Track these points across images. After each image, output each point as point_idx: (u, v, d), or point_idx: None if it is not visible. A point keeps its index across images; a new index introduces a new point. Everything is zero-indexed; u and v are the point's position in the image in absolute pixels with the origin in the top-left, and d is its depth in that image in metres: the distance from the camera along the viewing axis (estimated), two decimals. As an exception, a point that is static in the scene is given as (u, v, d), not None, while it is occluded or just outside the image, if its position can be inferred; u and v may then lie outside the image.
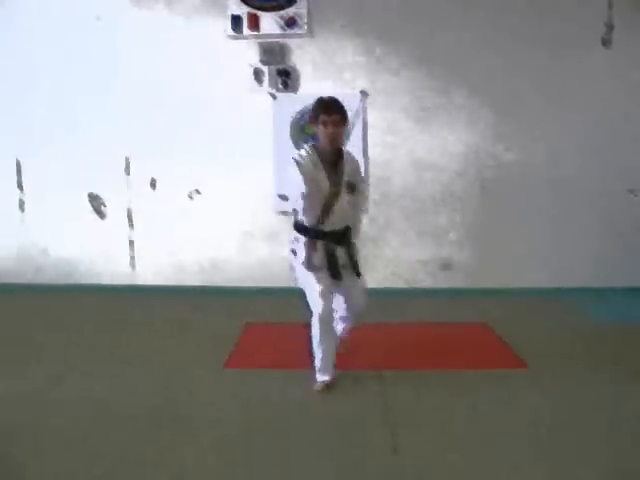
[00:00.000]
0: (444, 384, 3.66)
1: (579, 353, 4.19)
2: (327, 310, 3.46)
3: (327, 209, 3.40)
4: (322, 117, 3.37)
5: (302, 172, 3.33)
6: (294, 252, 3.51)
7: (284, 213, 5.74)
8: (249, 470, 2.76)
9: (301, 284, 3.57)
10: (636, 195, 5.65)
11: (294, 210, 3.49)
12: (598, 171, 5.61)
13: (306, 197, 3.34)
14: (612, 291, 5.57)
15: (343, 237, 3.52)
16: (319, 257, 3.43)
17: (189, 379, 3.78)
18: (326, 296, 3.45)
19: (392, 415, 3.26)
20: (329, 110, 3.38)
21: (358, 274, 3.61)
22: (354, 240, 3.63)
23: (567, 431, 3.06)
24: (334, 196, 3.40)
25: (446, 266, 5.81)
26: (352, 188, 3.45)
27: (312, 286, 3.45)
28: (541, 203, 5.69)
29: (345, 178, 3.44)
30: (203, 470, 2.75)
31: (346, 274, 3.53)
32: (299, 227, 3.49)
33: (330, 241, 3.44)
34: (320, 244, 3.42)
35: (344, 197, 3.43)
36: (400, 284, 5.73)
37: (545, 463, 2.76)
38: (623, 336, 4.55)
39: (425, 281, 5.80)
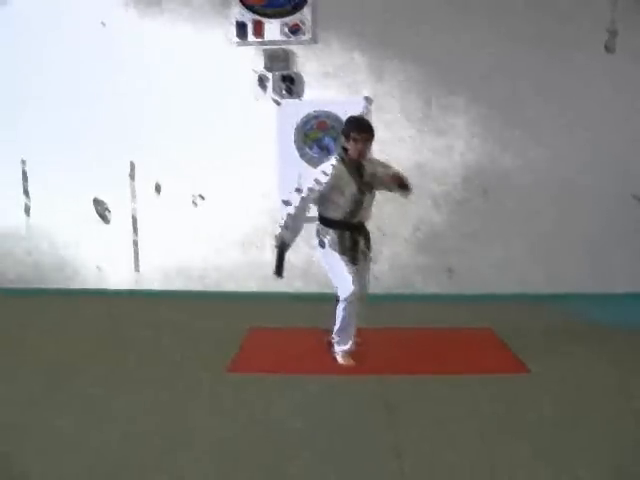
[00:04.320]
0: (447, 388, 3.66)
1: (581, 357, 4.19)
2: (357, 288, 3.91)
3: (357, 207, 3.96)
4: (354, 135, 3.93)
5: (333, 175, 3.90)
6: (322, 244, 4.05)
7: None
8: (250, 474, 2.77)
9: (331, 268, 4.05)
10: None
11: (301, 194, 4.02)
12: (600, 175, 5.61)
13: (315, 194, 3.96)
14: (614, 296, 5.56)
15: (362, 227, 4.11)
16: (349, 245, 4.00)
17: (192, 383, 3.79)
18: (355, 276, 3.93)
19: (394, 419, 3.27)
20: (361, 130, 3.95)
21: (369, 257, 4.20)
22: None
23: (568, 433, 3.07)
24: (362, 196, 3.96)
25: (448, 270, 5.82)
26: (370, 187, 4.01)
27: (340, 263, 3.97)
28: (543, 207, 5.69)
29: (366, 179, 3.99)
30: (203, 473, 2.77)
31: (361, 260, 4.08)
32: (329, 221, 4.02)
33: (355, 231, 4.02)
34: (347, 233, 3.99)
35: (367, 196, 4.01)
36: (402, 289, 5.73)
37: (546, 464, 2.77)
38: (625, 340, 4.55)
39: (427, 286, 5.81)
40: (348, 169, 3.94)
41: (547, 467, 2.75)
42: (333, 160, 3.99)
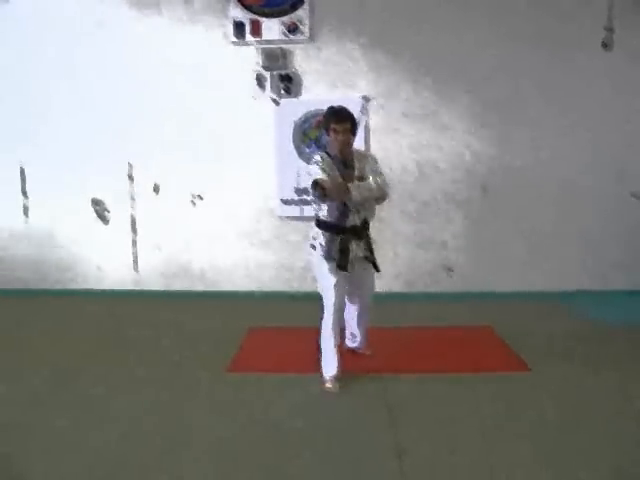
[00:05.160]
0: (447, 387, 3.66)
1: (581, 356, 4.19)
2: (339, 301, 3.68)
3: (345, 207, 3.58)
4: (333, 125, 3.57)
5: (321, 168, 3.53)
6: (313, 247, 3.71)
7: (286, 218, 5.80)
8: (250, 473, 2.76)
9: (317, 277, 3.79)
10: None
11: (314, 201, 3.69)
12: (600, 174, 5.61)
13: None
14: (613, 294, 5.57)
15: (362, 231, 3.73)
16: (337, 250, 3.63)
17: (191, 383, 3.79)
18: (339, 288, 3.66)
19: (395, 419, 3.26)
20: (340, 119, 3.57)
21: (375, 266, 3.83)
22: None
23: (569, 433, 3.07)
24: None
25: (448, 270, 5.82)
26: (363, 180, 3.61)
27: (328, 278, 3.66)
28: (542, 206, 5.69)
29: (356, 173, 3.61)
30: (203, 473, 2.77)
31: (359, 266, 3.74)
32: (321, 224, 3.68)
33: (350, 235, 3.65)
34: (338, 238, 3.63)
35: None
36: (402, 288, 5.73)
37: (547, 465, 2.77)
38: (625, 339, 4.55)
39: (427, 285, 5.80)
40: (335, 164, 3.60)
41: (547, 468, 2.75)
42: (317, 156, 3.65)
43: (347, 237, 3.64)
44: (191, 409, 3.42)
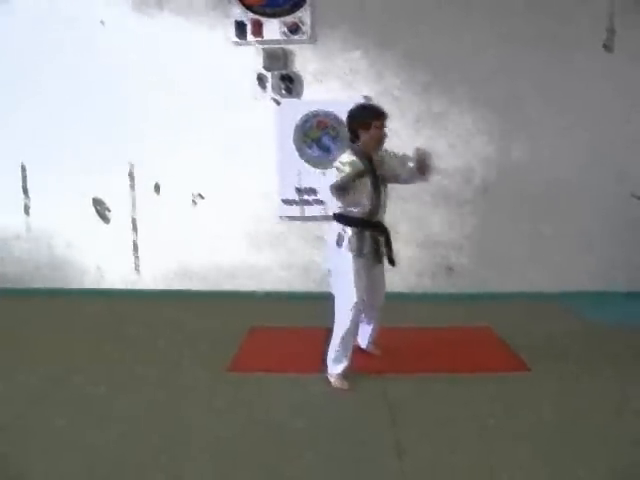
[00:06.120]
0: (448, 388, 3.67)
1: (580, 356, 4.20)
2: (361, 302, 3.68)
3: (377, 202, 3.72)
4: (375, 122, 3.68)
5: (355, 167, 3.50)
6: (339, 243, 3.70)
7: (287, 218, 5.81)
8: (250, 473, 2.77)
9: (340, 274, 3.72)
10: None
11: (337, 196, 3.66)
12: (599, 174, 5.62)
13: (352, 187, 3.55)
14: (613, 295, 5.57)
15: (384, 228, 3.86)
16: (367, 245, 3.71)
17: (192, 383, 3.80)
18: (364, 285, 3.69)
19: (395, 418, 3.27)
20: (381, 115, 3.73)
21: (392, 262, 3.90)
22: None
23: (568, 433, 3.08)
24: (378, 189, 3.72)
25: (448, 269, 5.83)
26: (384, 179, 3.79)
27: (354, 275, 3.65)
28: (542, 206, 5.70)
29: (379, 171, 3.76)
30: (202, 473, 2.77)
31: (378, 262, 3.83)
32: (349, 219, 3.71)
33: (376, 231, 3.78)
34: (367, 233, 3.72)
35: (383, 191, 3.79)
36: (402, 288, 5.72)
37: (546, 464, 2.78)
38: (624, 339, 4.56)
39: (427, 285, 5.81)
40: (363, 161, 3.59)
41: (546, 467, 2.76)
42: (347, 152, 3.63)
43: (375, 232, 3.77)
44: (191, 409, 3.43)
